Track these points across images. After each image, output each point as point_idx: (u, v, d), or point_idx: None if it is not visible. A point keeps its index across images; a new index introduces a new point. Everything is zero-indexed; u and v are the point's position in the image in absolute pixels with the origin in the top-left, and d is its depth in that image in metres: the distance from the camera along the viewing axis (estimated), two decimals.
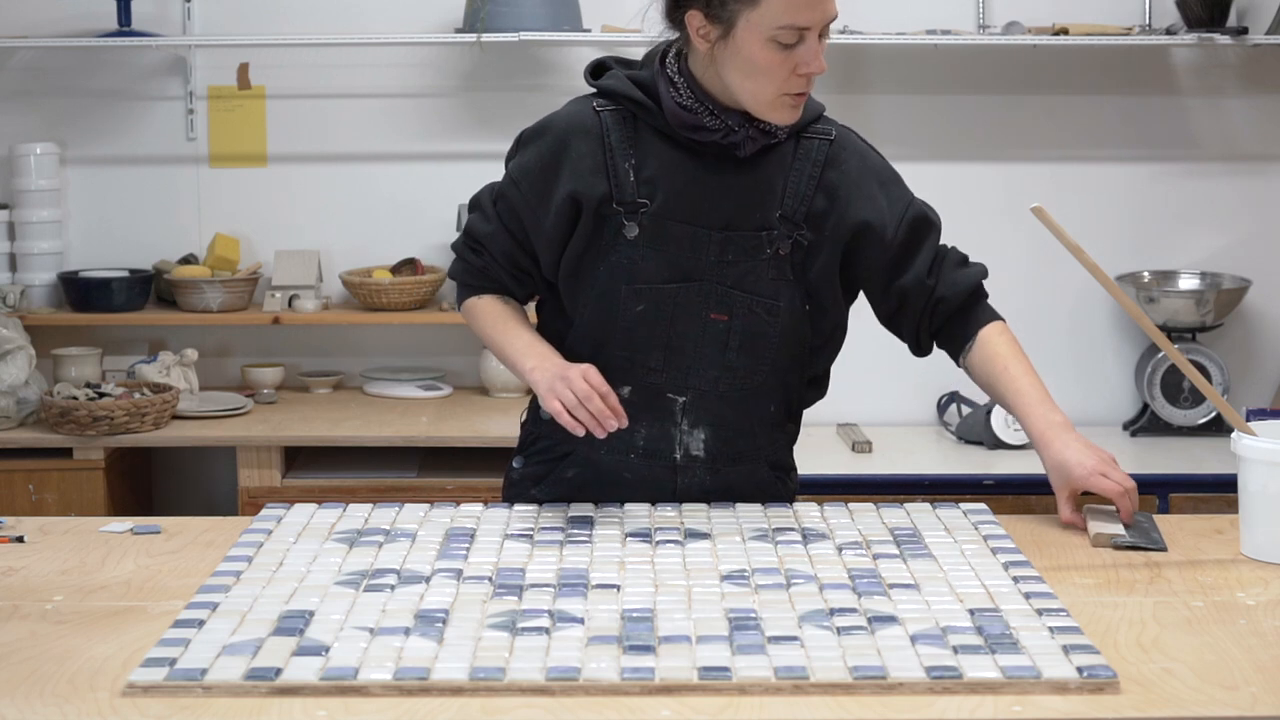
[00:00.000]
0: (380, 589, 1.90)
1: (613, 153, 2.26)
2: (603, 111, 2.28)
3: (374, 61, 4.17)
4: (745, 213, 2.27)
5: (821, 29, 2.19)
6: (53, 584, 1.98)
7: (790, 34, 2.16)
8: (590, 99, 2.31)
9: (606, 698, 1.61)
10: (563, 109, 2.33)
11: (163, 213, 4.24)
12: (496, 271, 2.35)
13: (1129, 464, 3.85)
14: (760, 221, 2.27)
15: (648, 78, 2.27)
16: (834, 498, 2.23)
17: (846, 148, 2.36)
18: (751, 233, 2.27)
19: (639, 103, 2.26)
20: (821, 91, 3.80)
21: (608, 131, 2.27)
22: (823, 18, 2.18)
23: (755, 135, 2.26)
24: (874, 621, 1.78)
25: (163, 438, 3.82)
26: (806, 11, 2.16)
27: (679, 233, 2.25)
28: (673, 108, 2.25)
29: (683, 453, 2.31)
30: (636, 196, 2.26)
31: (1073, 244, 1.99)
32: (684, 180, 2.26)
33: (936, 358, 2.52)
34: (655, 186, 2.26)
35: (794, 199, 2.29)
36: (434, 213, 4.20)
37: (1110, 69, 4.17)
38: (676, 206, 2.26)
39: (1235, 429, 2.10)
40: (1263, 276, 4.18)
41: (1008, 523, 2.22)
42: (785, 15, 2.15)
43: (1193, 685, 1.64)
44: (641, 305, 2.26)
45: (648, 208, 2.25)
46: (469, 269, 2.38)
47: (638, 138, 2.27)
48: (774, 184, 2.28)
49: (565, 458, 2.35)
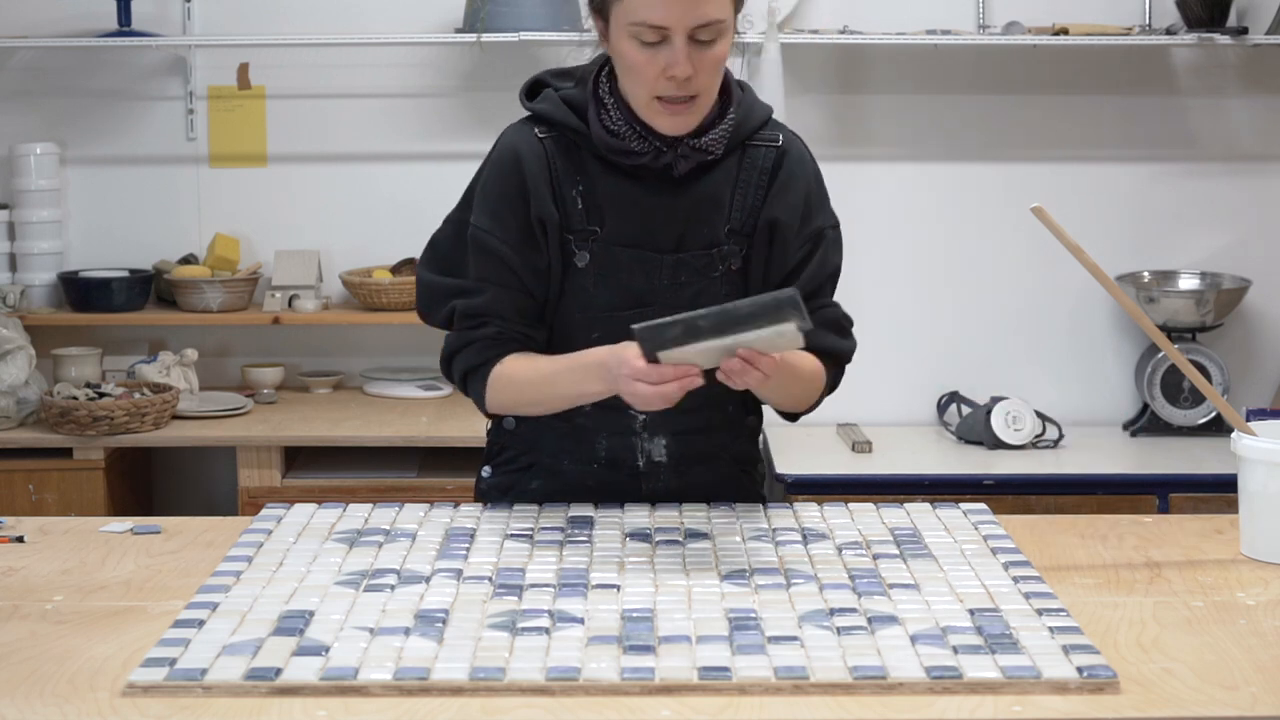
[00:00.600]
0: (380, 589, 1.90)
1: (559, 180, 2.20)
2: (545, 138, 2.21)
3: (374, 61, 4.17)
4: (694, 231, 2.21)
5: (693, 30, 2.07)
6: (53, 584, 1.98)
7: (649, 32, 2.08)
8: (530, 124, 2.24)
9: (606, 698, 1.61)
10: (506, 137, 2.25)
11: (163, 213, 4.24)
12: (513, 330, 2.22)
13: (1129, 464, 3.88)
14: (709, 238, 2.22)
15: (581, 99, 2.20)
16: (834, 498, 2.23)
17: (791, 153, 2.27)
18: (702, 251, 2.21)
19: (574, 129, 2.20)
20: (822, 91, 3.80)
21: (552, 159, 2.20)
22: (683, 19, 2.07)
23: (687, 153, 2.18)
24: (874, 621, 1.78)
25: (163, 438, 3.82)
26: (661, 9, 2.06)
27: (629, 259, 2.19)
28: (599, 133, 2.18)
29: (645, 460, 2.28)
30: (586, 224, 2.20)
31: (1073, 244, 1.99)
32: (629, 205, 2.20)
33: (937, 357, 2.52)
34: (603, 213, 2.20)
35: (742, 211, 2.23)
36: (434, 213, 4.12)
37: (1110, 69, 4.17)
38: (624, 232, 2.20)
39: (1235, 429, 2.10)
40: (1263, 276, 4.18)
41: (1008, 523, 2.22)
42: (640, 10, 2.08)
43: (1193, 685, 1.64)
44: (597, 333, 2.20)
45: (598, 235, 2.20)
46: (481, 345, 2.23)
47: (582, 162, 2.21)
48: (721, 199, 2.22)
49: (530, 468, 2.32)
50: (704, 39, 2.09)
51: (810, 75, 4.15)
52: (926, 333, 4.23)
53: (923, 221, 4.22)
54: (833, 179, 2.37)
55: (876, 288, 4.19)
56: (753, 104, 2.26)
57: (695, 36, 2.08)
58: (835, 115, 4.18)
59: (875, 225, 4.18)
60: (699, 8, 2.07)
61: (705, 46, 2.09)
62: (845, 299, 2.35)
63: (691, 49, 2.09)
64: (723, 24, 2.10)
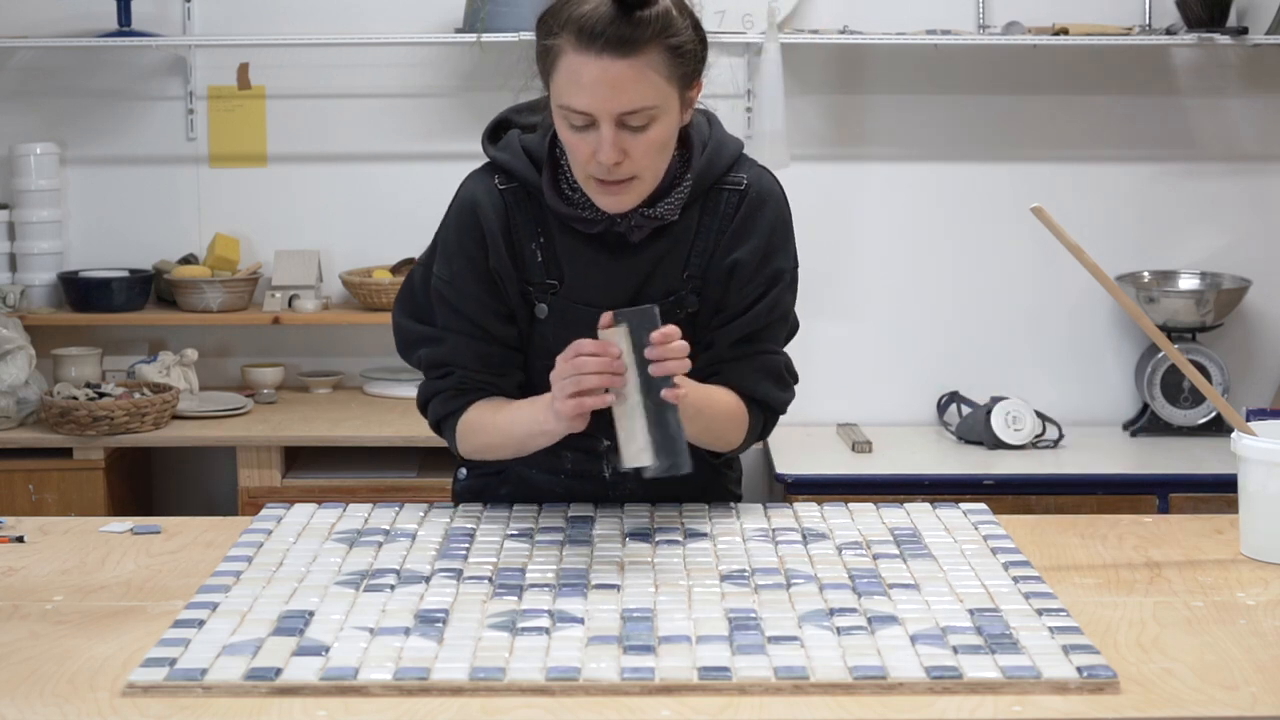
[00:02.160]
0: (380, 589, 1.90)
1: (518, 234, 2.15)
2: (504, 189, 2.16)
3: (374, 61, 4.17)
4: (652, 283, 2.16)
5: (620, 117, 1.99)
6: (53, 584, 1.98)
7: (576, 116, 2.00)
8: (491, 173, 2.18)
9: (606, 698, 1.61)
10: (467, 187, 2.20)
11: (163, 213, 4.24)
12: (476, 379, 2.19)
13: (1129, 464, 3.88)
14: (667, 287, 2.16)
15: (541, 154, 2.14)
16: (834, 498, 2.23)
17: (753, 195, 2.17)
18: (661, 301, 2.14)
19: (533, 183, 2.14)
20: (822, 91, 3.81)
21: (511, 212, 2.15)
22: (607, 107, 1.98)
23: (640, 222, 2.11)
24: (874, 621, 1.78)
25: (163, 438, 3.82)
26: (583, 95, 1.98)
27: (586, 315, 2.09)
28: (554, 200, 2.12)
29: (611, 470, 2.24)
30: (545, 278, 2.16)
31: (1073, 244, 1.99)
32: (587, 264, 2.15)
33: (937, 357, 2.52)
34: (562, 268, 2.15)
35: (701, 257, 2.17)
36: (434, 213, 4.14)
37: (1110, 69, 4.17)
38: (581, 289, 2.15)
39: (1235, 429, 2.10)
40: (1263, 276, 4.18)
41: (1008, 523, 2.22)
42: (565, 95, 2.01)
43: (1193, 685, 1.64)
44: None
45: (556, 290, 2.16)
46: (446, 397, 2.20)
47: (541, 217, 2.15)
48: (681, 249, 2.16)
49: (499, 474, 2.31)
50: (635, 124, 2.01)
51: (810, 75, 4.15)
52: (926, 333, 4.23)
53: (922, 221, 4.22)
54: (833, 179, 2.37)
55: (876, 288, 4.19)
56: (719, 148, 2.17)
57: (625, 122, 2.00)
58: (835, 115, 4.18)
59: (875, 225, 4.18)
60: (624, 95, 1.98)
61: (637, 131, 2.01)
62: (846, 300, 2.35)
63: (622, 134, 2.00)
64: (653, 109, 2.00)
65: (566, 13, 2.01)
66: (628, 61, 1.98)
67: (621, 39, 1.98)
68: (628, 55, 1.98)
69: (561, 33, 2.01)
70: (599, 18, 1.98)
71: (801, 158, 4.02)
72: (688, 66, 2.04)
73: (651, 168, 2.07)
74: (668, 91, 2.02)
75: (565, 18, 2.01)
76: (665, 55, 2.01)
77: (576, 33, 1.99)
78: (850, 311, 4.14)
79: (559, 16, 2.02)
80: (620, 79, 1.98)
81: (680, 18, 2.03)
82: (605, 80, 1.98)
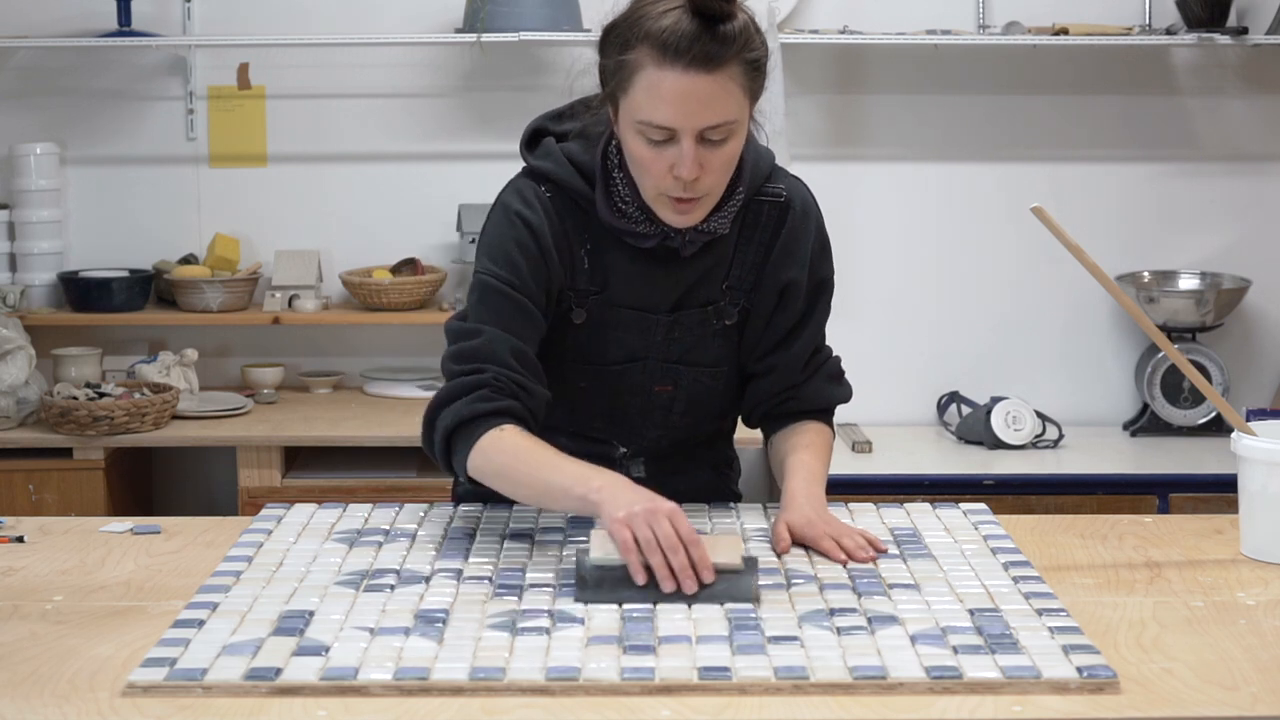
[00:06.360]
0: (380, 589, 1.90)
1: (569, 241, 2.14)
2: (551, 196, 2.13)
3: (374, 61, 4.17)
4: (694, 293, 2.18)
5: (702, 132, 1.98)
6: (53, 584, 1.98)
7: (656, 131, 1.99)
8: (535, 182, 2.15)
9: (606, 698, 1.61)
10: (510, 192, 2.16)
11: (162, 213, 4.24)
12: (510, 378, 2.07)
13: (1129, 464, 3.88)
14: (707, 296, 2.18)
15: (589, 164, 2.12)
16: (834, 498, 2.22)
17: (795, 205, 2.20)
18: (699, 309, 2.17)
19: (581, 193, 2.13)
20: (822, 91, 3.81)
21: (561, 218, 2.13)
22: (690, 123, 1.97)
23: (694, 237, 2.12)
24: (874, 621, 1.78)
25: (163, 438, 3.82)
26: (666, 109, 1.97)
27: (627, 318, 2.15)
28: (607, 215, 2.11)
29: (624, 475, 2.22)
30: (590, 284, 2.16)
31: (1073, 244, 1.99)
32: (633, 274, 2.15)
33: (937, 357, 2.52)
34: (607, 276, 2.15)
35: (741, 268, 2.19)
36: (434, 213, 4.20)
37: (1110, 69, 4.17)
38: (625, 294, 2.15)
39: (1235, 429, 2.10)
40: (1263, 276, 4.18)
41: (1008, 523, 2.22)
42: (644, 110, 1.99)
43: (1193, 685, 1.64)
44: (585, 382, 2.19)
45: (598, 295, 2.16)
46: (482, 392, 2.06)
47: (588, 224, 2.14)
48: (723, 260, 2.18)
49: None
50: (714, 139, 2.00)
51: (810, 75, 4.15)
52: (926, 333, 4.23)
53: (923, 221, 4.22)
54: (833, 179, 2.37)
55: (876, 288, 4.19)
56: (757, 159, 2.17)
57: (705, 136, 1.99)
58: (835, 115, 4.18)
59: (875, 225, 4.19)
60: (708, 110, 1.97)
61: (715, 146, 2.01)
62: (846, 300, 2.35)
63: (700, 149, 2.00)
64: (733, 124, 2.00)
65: (644, 27, 1.99)
66: (712, 76, 1.97)
67: (707, 54, 1.97)
68: (712, 70, 1.97)
69: (639, 46, 1.99)
70: (683, 32, 1.97)
71: (801, 158, 4.02)
72: (760, 81, 2.05)
73: (721, 183, 2.07)
74: (744, 105, 2.03)
75: (643, 32, 1.99)
76: (744, 69, 2.01)
77: (659, 47, 1.97)
78: (850, 311, 4.13)
79: (635, 30, 2.00)
80: (705, 93, 1.97)
81: (756, 33, 2.04)
82: (690, 95, 1.97)
